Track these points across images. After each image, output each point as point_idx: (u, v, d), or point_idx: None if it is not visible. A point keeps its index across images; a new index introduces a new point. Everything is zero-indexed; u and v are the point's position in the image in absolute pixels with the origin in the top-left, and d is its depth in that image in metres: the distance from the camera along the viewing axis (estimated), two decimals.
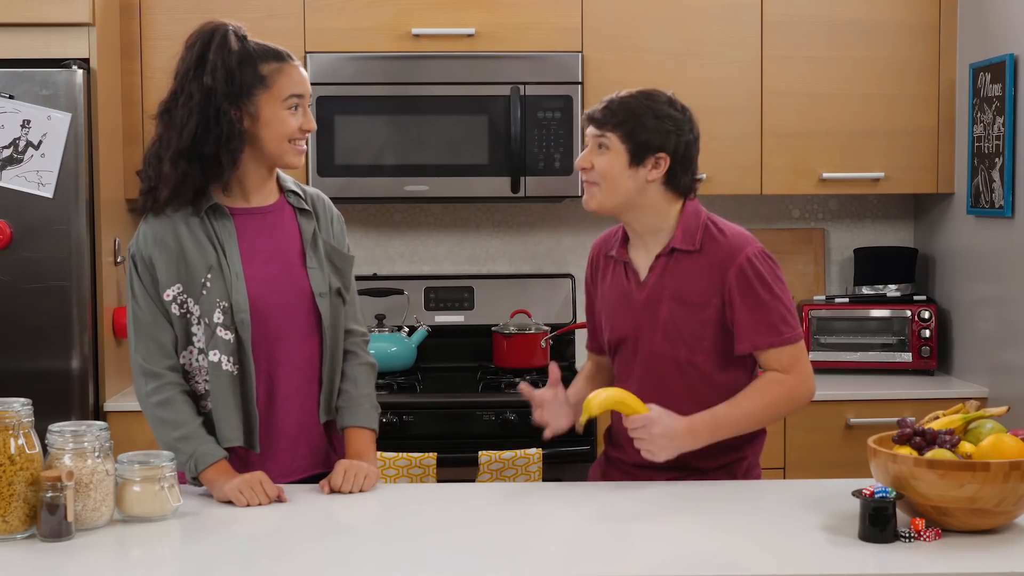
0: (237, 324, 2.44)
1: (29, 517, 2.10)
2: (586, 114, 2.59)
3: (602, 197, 2.55)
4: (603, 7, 3.89)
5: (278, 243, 2.53)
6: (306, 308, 2.51)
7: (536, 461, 3.36)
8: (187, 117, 2.41)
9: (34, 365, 3.45)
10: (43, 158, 3.42)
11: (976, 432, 2.15)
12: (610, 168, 2.52)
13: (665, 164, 2.52)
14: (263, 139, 2.45)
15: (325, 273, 2.55)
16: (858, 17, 3.94)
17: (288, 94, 2.45)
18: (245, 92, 2.42)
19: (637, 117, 2.51)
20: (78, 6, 3.49)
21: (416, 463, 3.32)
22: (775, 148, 3.94)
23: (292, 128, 2.46)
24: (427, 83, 3.83)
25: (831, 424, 3.71)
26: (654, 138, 2.51)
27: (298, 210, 2.57)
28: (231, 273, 2.44)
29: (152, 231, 2.46)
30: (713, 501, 2.36)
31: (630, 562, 2.00)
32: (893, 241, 4.34)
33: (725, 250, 2.52)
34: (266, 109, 2.44)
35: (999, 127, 3.60)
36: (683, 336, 2.53)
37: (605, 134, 2.52)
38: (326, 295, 2.53)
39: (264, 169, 2.51)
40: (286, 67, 2.46)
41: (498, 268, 4.31)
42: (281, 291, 2.49)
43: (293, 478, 2.51)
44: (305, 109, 2.49)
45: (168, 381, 2.43)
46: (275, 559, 2.04)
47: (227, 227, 2.47)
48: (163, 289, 2.44)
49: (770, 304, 2.50)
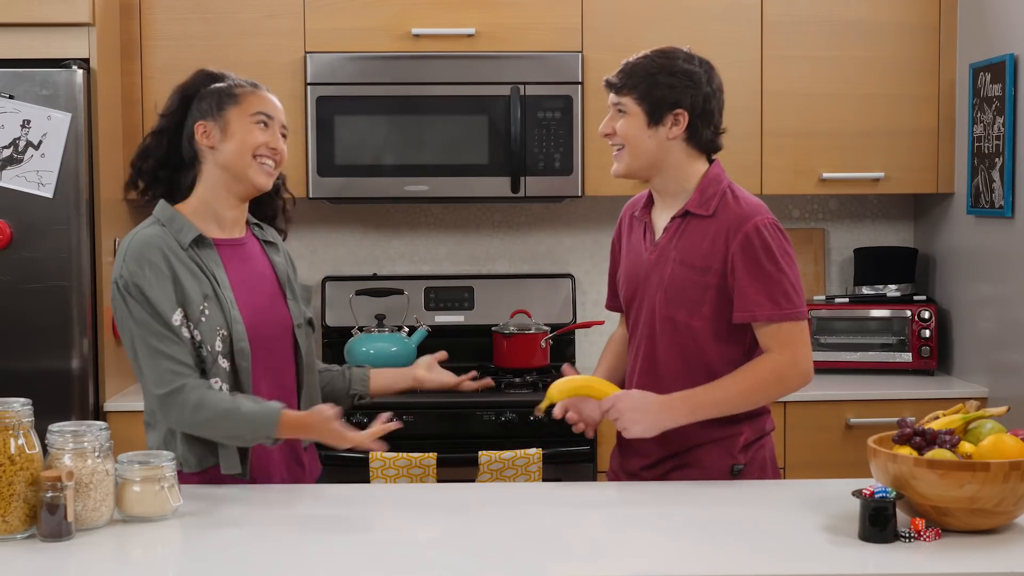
0: (236, 353, 2.44)
1: (29, 517, 2.10)
2: (605, 80, 2.61)
3: (628, 160, 2.57)
4: (603, 7, 3.89)
5: (255, 274, 2.56)
6: (287, 339, 2.56)
7: (536, 461, 3.36)
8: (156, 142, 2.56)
9: (34, 365, 3.46)
10: (43, 158, 3.42)
11: (976, 432, 2.15)
12: (630, 130, 2.54)
13: (684, 120, 2.53)
14: (228, 152, 2.49)
15: (299, 304, 2.61)
16: (858, 17, 3.94)
17: (256, 110, 2.52)
18: (216, 107, 2.51)
19: (651, 76, 2.53)
20: (78, 6, 3.49)
21: (416, 463, 3.32)
22: (775, 148, 3.94)
23: (257, 141, 2.50)
24: (427, 83, 3.83)
25: (831, 424, 3.71)
26: (669, 95, 2.52)
27: (264, 243, 2.63)
28: (228, 302, 2.45)
29: (142, 259, 2.41)
30: (713, 501, 2.36)
31: (630, 562, 2.00)
32: (893, 241, 4.34)
33: (735, 217, 2.51)
34: (234, 122, 2.50)
35: (999, 127, 3.60)
36: (683, 299, 2.53)
37: (622, 99, 2.55)
38: (303, 326, 2.60)
39: (234, 197, 2.53)
40: (258, 92, 2.56)
41: (498, 268, 4.31)
42: (267, 322, 2.52)
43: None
44: (275, 132, 2.54)
45: (190, 387, 2.38)
46: (275, 559, 2.04)
47: (213, 257, 2.49)
48: (168, 314, 2.39)
49: (773, 276, 2.47)
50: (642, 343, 2.60)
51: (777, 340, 2.48)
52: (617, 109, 2.56)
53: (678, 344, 2.54)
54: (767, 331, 2.49)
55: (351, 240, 4.28)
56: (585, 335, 4.26)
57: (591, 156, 3.88)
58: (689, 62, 2.55)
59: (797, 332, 2.49)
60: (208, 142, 2.50)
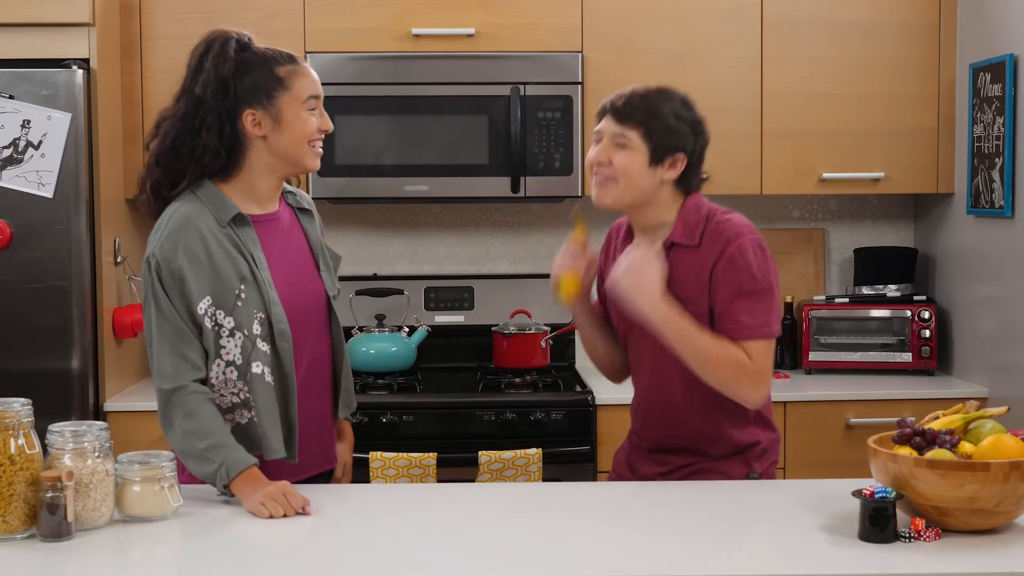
0: (276, 335, 2.42)
1: (29, 517, 2.10)
2: (605, 106, 2.55)
3: (618, 193, 2.53)
4: (603, 7, 3.89)
5: (291, 248, 2.53)
6: (321, 311, 2.54)
7: (536, 461, 3.36)
8: (171, 127, 2.44)
9: (34, 365, 3.45)
10: (43, 158, 3.42)
11: (976, 432, 2.15)
12: (630, 165, 2.50)
13: (682, 165, 2.52)
14: (283, 142, 2.44)
15: (332, 276, 2.59)
16: (858, 17, 3.94)
17: (308, 95, 2.45)
18: (265, 94, 2.42)
19: (661, 118, 2.50)
20: (78, 6, 3.49)
21: (416, 463, 3.32)
22: (775, 148, 3.94)
23: (312, 128, 2.46)
24: (427, 83, 3.83)
25: (831, 424, 3.71)
26: (675, 140, 2.51)
27: (298, 210, 2.59)
28: (265, 283, 2.42)
29: (178, 240, 2.38)
30: (713, 501, 2.36)
31: (630, 562, 2.00)
32: (893, 241, 4.34)
33: (718, 240, 2.50)
34: (288, 110, 2.43)
35: (999, 127, 3.60)
36: None
37: (625, 132, 2.50)
38: (336, 297, 2.58)
39: (276, 178, 2.50)
40: (301, 68, 2.47)
41: (498, 268, 4.31)
42: (301, 297, 2.50)
43: (302, 476, 2.52)
44: (322, 110, 2.50)
45: (193, 391, 2.36)
46: (274, 559, 2.04)
47: (251, 235, 2.44)
48: (195, 302, 2.37)
49: (753, 295, 2.46)
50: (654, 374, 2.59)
51: (747, 352, 2.46)
52: (617, 141, 2.51)
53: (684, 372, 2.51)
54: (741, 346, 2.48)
55: (351, 240, 4.28)
56: None
57: None
58: (689, 108, 2.55)
59: (762, 350, 2.47)
60: (259, 132, 2.43)
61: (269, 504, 2.24)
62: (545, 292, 4.21)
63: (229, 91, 2.41)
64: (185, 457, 2.36)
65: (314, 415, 2.55)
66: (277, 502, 2.25)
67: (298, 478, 2.48)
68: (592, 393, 3.62)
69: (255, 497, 2.26)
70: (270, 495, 2.26)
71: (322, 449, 2.60)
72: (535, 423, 3.55)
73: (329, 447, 2.63)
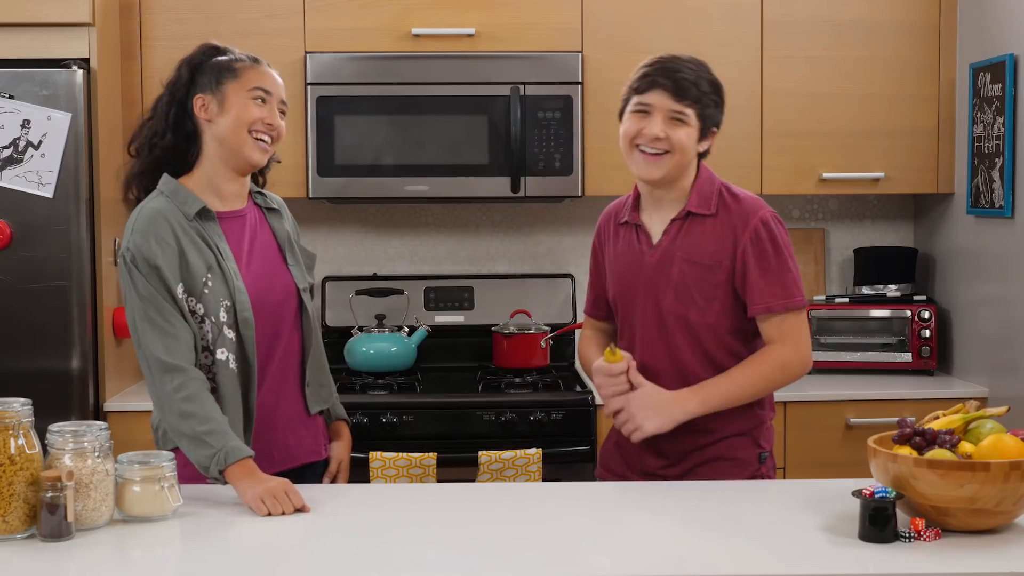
0: (240, 323, 2.47)
1: (29, 517, 2.10)
2: (657, 79, 2.54)
3: (671, 167, 2.57)
4: (603, 7, 3.89)
5: (259, 244, 2.59)
6: (292, 305, 2.59)
7: (536, 461, 3.36)
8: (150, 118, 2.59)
9: (34, 365, 3.45)
10: (43, 158, 3.42)
11: (976, 432, 2.15)
12: (688, 141, 2.56)
13: (713, 138, 2.61)
14: (223, 125, 2.50)
15: (302, 269, 2.65)
16: (858, 17, 3.94)
17: (254, 85, 2.51)
18: (215, 81, 2.52)
19: (710, 95, 2.57)
20: (78, 6, 3.49)
21: (416, 463, 3.32)
22: (775, 148, 3.94)
23: (253, 116, 2.51)
24: (427, 83, 3.83)
25: (831, 424, 3.71)
26: (717, 116, 2.60)
27: (266, 210, 2.66)
28: (231, 273, 2.48)
29: (148, 232, 2.45)
30: (713, 501, 2.36)
31: (630, 562, 2.00)
32: (893, 241, 4.34)
33: (738, 214, 2.56)
34: (232, 96, 2.51)
35: (999, 127, 3.60)
36: (694, 297, 2.56)
37: (684, 109, 2.54)
38: (307, 290, 2.64)
39: (229, 170, 2.55)
40: (259, 67, 2.55)
41: (498, 268, 4.31)
42: (271, 289, 2.56)
43: (282, 468, 2.53)
44: (273, 108, 2.54)
45: (192, 376, 2.39)
46: (274, 559, 2.04)
47: (215, 229, 2.51)
48: (173, 286, 2.43)
49: (781, 268, 2.54)
50: (648, 342, 2.61)
51: (781, 331, 2.54)
52: (675, 117, 2.53)
53: (695, 340, 2.57)
54: (773, 322, 2.54)
55: (351, 240, 4.28)
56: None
57: (591, 156, 3.88)
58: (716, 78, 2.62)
59: (800, 322, 2.56)
60: (206, 115, 2.52)
61: (269, 501, 2.25)
62: (545, 292, 4.21)
63: (186, 82, 2.54)
64: (179, 436, 2.38)
65: (286, 407, 2.59)
66: (278, 500, 2.26)
67: (276, 470, 2.48)
68: (592, 393, 3.62)
69: (255, 490, 2.27)
70: (271, 491, 2.26)
71: (298, 441, 2.62)
72: (535, 423, 3.55)
73: (307, 440, 2.64)
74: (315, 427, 2.68)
